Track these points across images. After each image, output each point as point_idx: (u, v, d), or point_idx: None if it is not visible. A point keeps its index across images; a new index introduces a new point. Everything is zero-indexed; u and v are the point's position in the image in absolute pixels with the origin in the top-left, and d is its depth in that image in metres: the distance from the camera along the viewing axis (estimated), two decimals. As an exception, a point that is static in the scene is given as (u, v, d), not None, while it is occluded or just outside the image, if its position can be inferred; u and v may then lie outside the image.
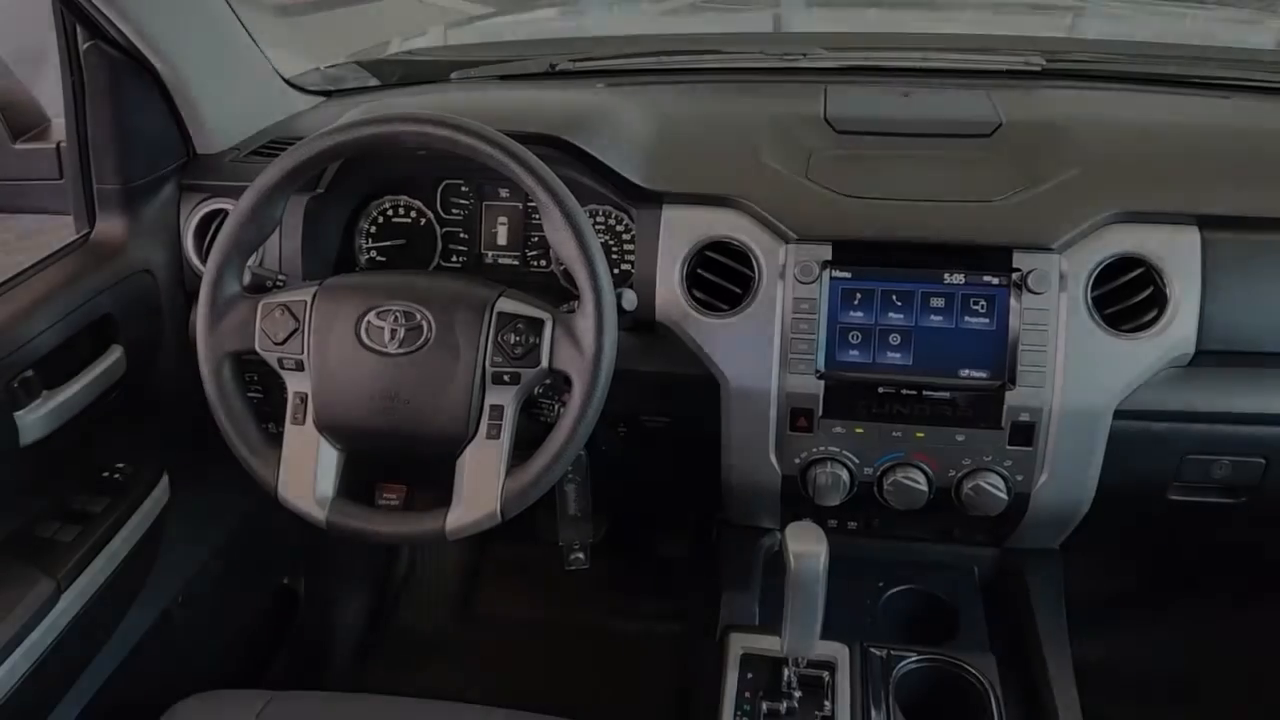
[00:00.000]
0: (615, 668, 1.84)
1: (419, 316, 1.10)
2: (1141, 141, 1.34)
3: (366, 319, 1.10)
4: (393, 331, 1.10)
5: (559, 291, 1.39)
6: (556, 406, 1.26)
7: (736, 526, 1.45)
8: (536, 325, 1.09)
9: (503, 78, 1.71)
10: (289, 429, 1.13)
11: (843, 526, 1.41)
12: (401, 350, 1.09)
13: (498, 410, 1.10)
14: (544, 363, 1.09)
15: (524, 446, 1.13)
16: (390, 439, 1.11)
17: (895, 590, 1.39)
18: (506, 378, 1.09)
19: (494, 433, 1.10)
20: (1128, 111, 1.48)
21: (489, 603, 1.99)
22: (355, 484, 1.42)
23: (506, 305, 1.11)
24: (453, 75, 1.74)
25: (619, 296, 1.19)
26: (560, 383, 1.17)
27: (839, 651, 1.23)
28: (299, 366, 1.12)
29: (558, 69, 1.69)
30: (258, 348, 1.13)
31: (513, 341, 1.09)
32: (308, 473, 1.12)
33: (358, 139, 1.10)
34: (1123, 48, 1.70)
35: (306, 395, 1.12)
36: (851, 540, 1.43)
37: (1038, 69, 1.59)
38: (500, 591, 2.00)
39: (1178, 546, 1.59)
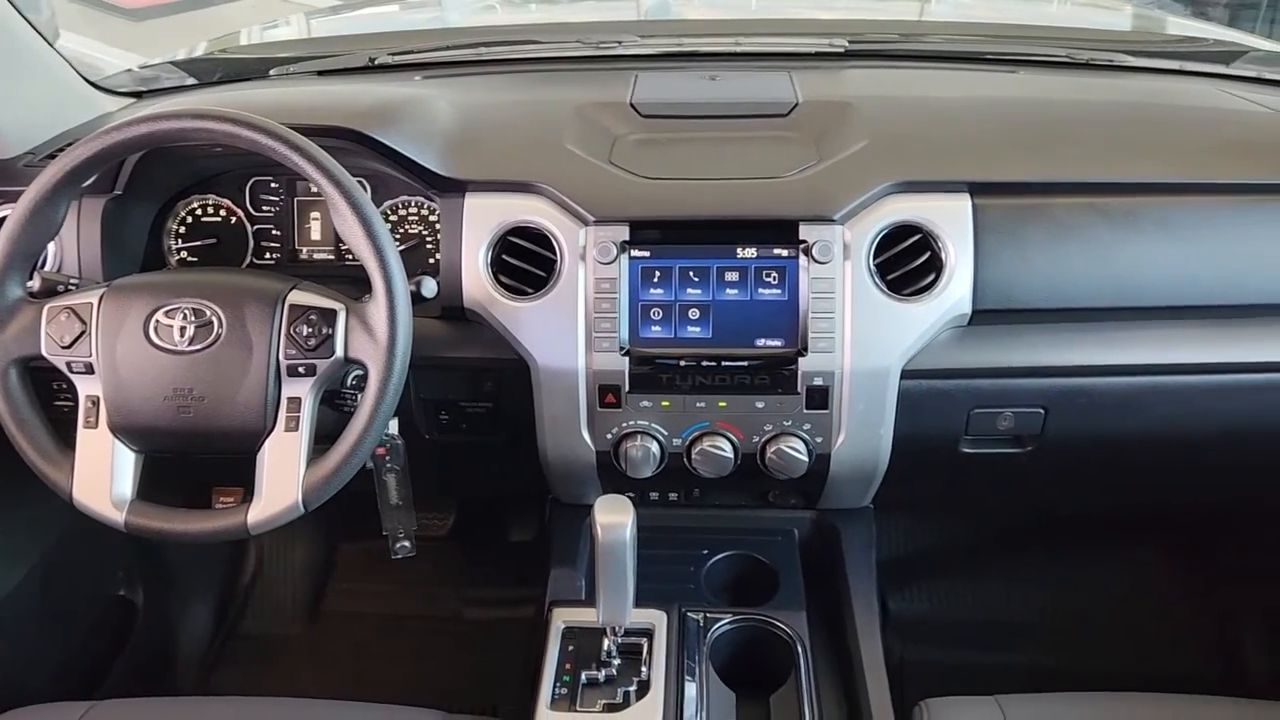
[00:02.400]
0: (469, 654, 1.86)
1: (209, 313, 1.10)
2: (924, 116, 1.42)
3: (155, 318, 1.10)
4: (182, 329, 1.09)
5: None
6: (360, 396, 1.27)
7: (566, 505, 1.48)
8: (329, 316, 1.10)
9: (321, 73, 1.71)
10: (81, 433, 1.11)
11: (664, 498, 1.45)
12: (193, 347, 1.09)
13: (295, 403, 1.11)
14: (339, 353, 1.10)
15: (333, 439, 1.14)
16: (187, 437, 1.11)
17: (719, 557, 1.43)
18: (301, 369, 1.10)
19: (292, 425, 1.10)
20: (918, 88, 1.56)
21: (341, 601, 1.98)
22: (195, 490, 1.41)
23: (298, 297, 1.11)
24: (271, 72, 1.73)
25: (418, 284, 1.21)
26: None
27: (657, 618, 1.27)
28: (88, 369, 1.11)
29: (376, 63, 1.70)
30: (44, 352, 1.11)
31: (305, 333, 1.09)
32: (103, 476, 1.11)
33: (137, 136, 1.09)
34: (922, 28, 1.78)
35: (98, 398, 1.11)
36: (675, 511, 1.48)
37: (841, 50, 1.66)
38: (352, 589, 1.99)
39: (983, 500, 1.68)
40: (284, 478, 1.10)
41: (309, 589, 1.99)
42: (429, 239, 1.41)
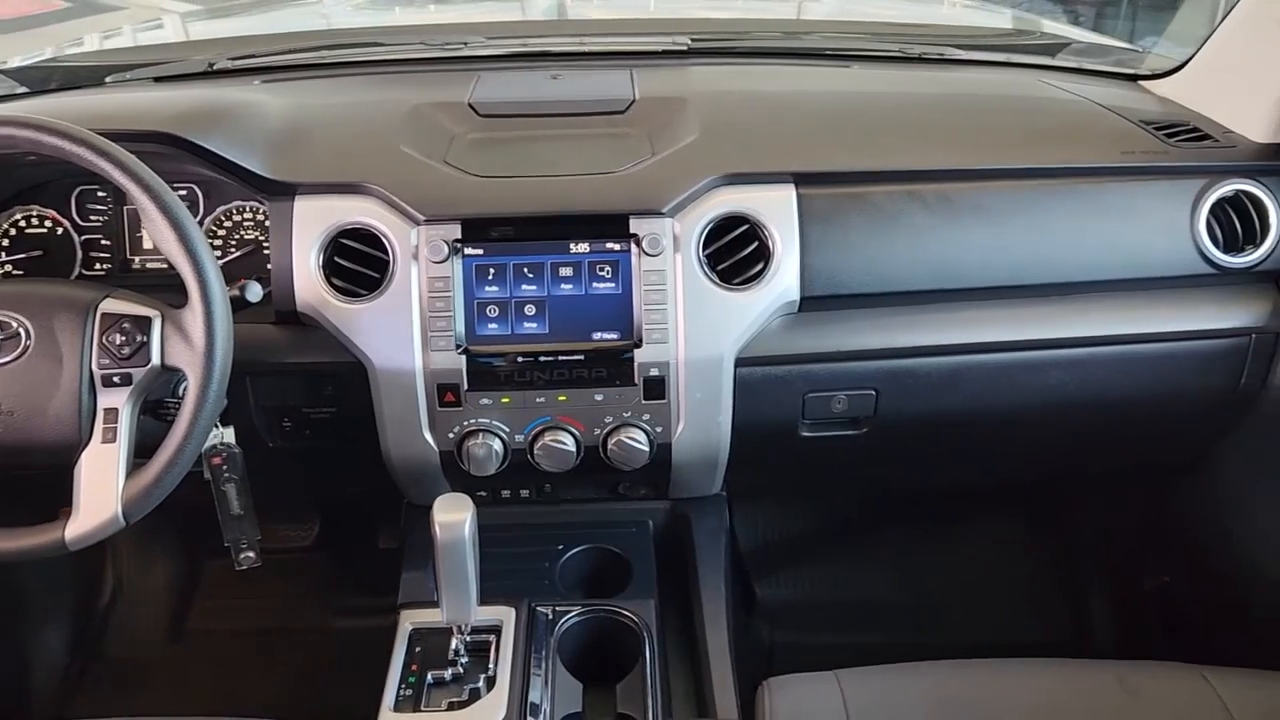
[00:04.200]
0: (338, 665, 1.82)
1: (15, 324, 1.07)
2: (754, 110, 1.45)
3: None
4: None
5: None
6: (185, 405, 1.25)
7: (419, 507, 1.47)
8: (144, 323, 1.08)
9: (158, 79, 1.67)
10: None
11: (515, 495, 1.46)
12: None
13: (112, 413, 1.08)
14: (155, 360, 1.08)
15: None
16: None
17: (574, 551, 1.44)
18: (116, 379, 1.08)
19: (109, 436, 1.08)
20: (753, 84, 1.60)
21: (205, 618, 1.93)
22: (47, 511, 1.36)
23: (111, 306, 1.09)
24: (107, 79, 1.69)
25: (242, 289, 1.20)
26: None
27: (506, 614, 1.28)
28: None
29: (215, 68, 1.67)
30: None
31: (119, 342, 1.07)
32: None
33: None
34: (764, 25, 1.82)
35: None
36: (530, 508, 1.49)
37: (684, 48, 1.69)
38: (217, 605, 1.94)
39: (831, 482, 1.73)
40: (102, 490, 1.07)
41: (171, 607, 1.94)
42: (265, 244, 1.39)
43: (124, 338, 1.07)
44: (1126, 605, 1.83)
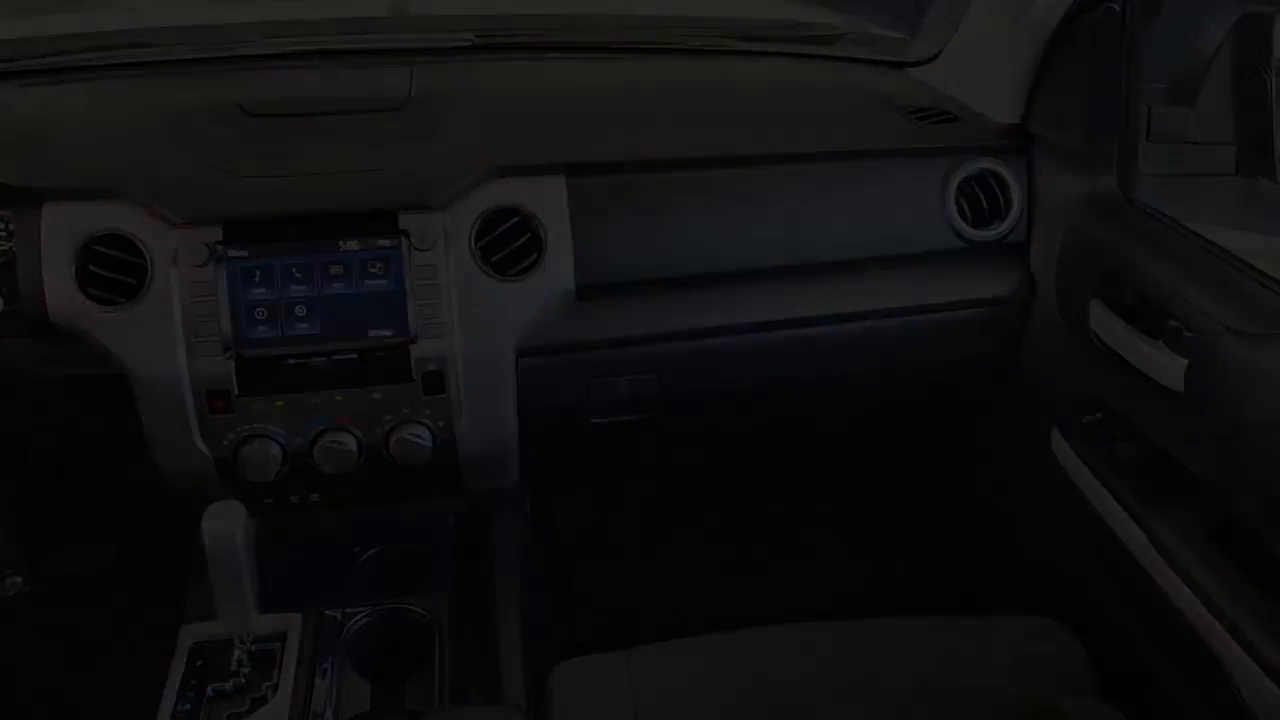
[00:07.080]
0: (137, 689, 1.76)
1: None
2: (529, 103, 1.47)
3: None
4: None
5: None
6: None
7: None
8: None
9: (-97, 87, 1.57)
10: None
11: (306, 500, 1.43)
12: None
13: None
14: None
15: None
16: None
17: (371, 552, 1.43)
18: None
19: None
20: (532, 77, 1.61)
21: None
22: None
23: None
24: None
25: None
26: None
27: (292, 621, 1.25)
28: None
29: (-31, 74, 1.58)
30: None
31: None
32: None
33: None
34: (548, 21, 1.84)
35: None
36: (327, 512, 1.46)
37: (468, 44, 1.68)
38: (8, 638, 1.84)
39: (626, 468, 1.76)
40: None
41: None
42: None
43: None
44: (926, 570, 1.93)
